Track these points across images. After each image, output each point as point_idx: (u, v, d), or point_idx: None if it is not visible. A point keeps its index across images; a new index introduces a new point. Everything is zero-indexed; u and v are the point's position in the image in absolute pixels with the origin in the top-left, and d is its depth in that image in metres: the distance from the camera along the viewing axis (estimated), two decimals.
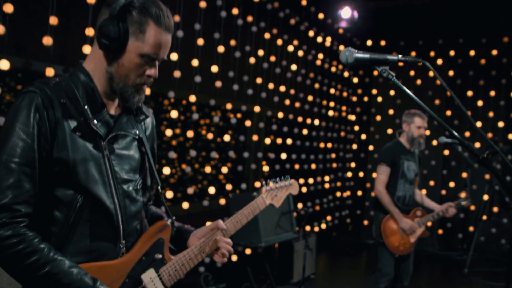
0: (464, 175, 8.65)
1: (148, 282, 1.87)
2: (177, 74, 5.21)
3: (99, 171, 1.74)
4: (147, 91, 4.83)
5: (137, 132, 1.92)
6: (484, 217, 8.05)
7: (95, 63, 1.79)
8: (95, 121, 1.75)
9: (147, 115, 2.00)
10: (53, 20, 4.03)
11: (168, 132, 5.39)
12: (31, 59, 4.17)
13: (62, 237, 1.70)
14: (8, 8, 3.74)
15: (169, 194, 5.34)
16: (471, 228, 8.80)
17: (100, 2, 4.38)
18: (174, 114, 5.28)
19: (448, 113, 9.27)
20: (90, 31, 4.21)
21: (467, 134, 8.85)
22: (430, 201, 5.18)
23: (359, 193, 10.20)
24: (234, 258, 6.13)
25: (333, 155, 9.41)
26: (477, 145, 8.76)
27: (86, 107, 1.74)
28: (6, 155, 1.61)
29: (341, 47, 9.32)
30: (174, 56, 5.22)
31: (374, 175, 5.42)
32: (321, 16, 8.29)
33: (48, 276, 1.60)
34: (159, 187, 2.03)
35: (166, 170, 5.24)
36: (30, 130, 1.63)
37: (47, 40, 3.97)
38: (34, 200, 1.64)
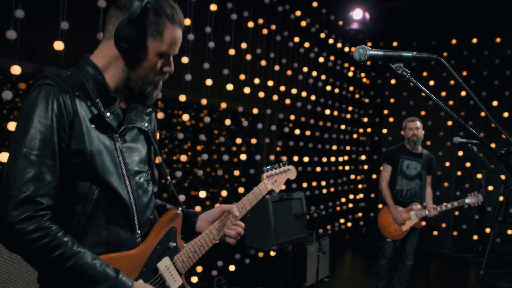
0: (479, 176, 8.55)
1: (164, 270, 1.92)
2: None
3: (113, 163, 1.76)
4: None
5: (146, 124, 1.95)
6: (500, 219, 7.95)
7: (109, 61, 1.79)
8: (108, 114, 1.77)
9: (154, 109, 2.01)
10: (64, 25, 4.03)
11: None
12: (42, 64, 4.19)
13: (80, 230, 1.71)
14: (20, 13, 3.75)
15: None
16: (487, 230, 8.70)
17: (110, 5, 4.38)
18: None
19: (462, 113, 9.17)
20: (101, 36, 4.22)
21: (482, 134, 8.75)
22: (430, 200, 5.85)
23: (372, 195, 10.12)
24: (247, 261, 6.09)
25: (346, 157, 9.35)
26: (493, 145, 8.64)
27: (97, 100, 1.75)
28: (25, 147, 1.59)
29: (353, 49, 9.28)
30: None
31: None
32: (332, 17, 8.26)
33: (74, 268, 1.61)
34: (168, 177, 2.07)
35: (178, 173, 5.24)
36: (48, 122, 1.62)
37: (59, 45, 3.98)
38: (55, 193, 1.63)
